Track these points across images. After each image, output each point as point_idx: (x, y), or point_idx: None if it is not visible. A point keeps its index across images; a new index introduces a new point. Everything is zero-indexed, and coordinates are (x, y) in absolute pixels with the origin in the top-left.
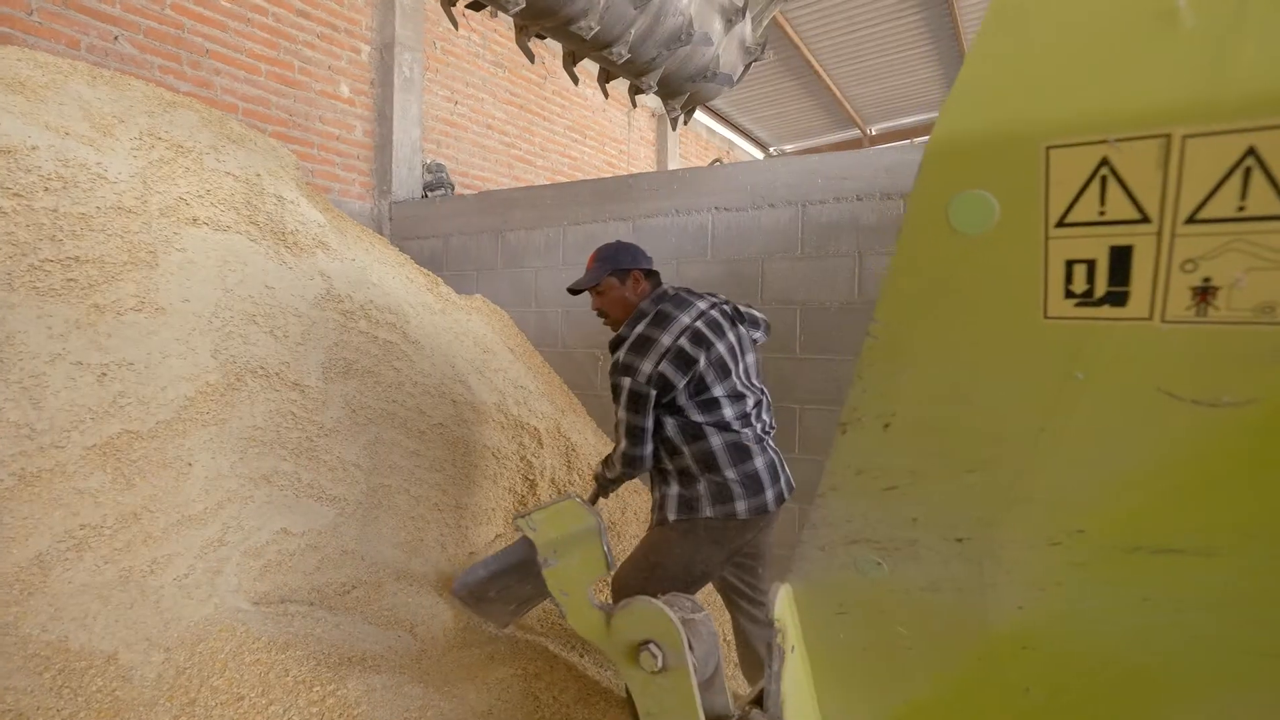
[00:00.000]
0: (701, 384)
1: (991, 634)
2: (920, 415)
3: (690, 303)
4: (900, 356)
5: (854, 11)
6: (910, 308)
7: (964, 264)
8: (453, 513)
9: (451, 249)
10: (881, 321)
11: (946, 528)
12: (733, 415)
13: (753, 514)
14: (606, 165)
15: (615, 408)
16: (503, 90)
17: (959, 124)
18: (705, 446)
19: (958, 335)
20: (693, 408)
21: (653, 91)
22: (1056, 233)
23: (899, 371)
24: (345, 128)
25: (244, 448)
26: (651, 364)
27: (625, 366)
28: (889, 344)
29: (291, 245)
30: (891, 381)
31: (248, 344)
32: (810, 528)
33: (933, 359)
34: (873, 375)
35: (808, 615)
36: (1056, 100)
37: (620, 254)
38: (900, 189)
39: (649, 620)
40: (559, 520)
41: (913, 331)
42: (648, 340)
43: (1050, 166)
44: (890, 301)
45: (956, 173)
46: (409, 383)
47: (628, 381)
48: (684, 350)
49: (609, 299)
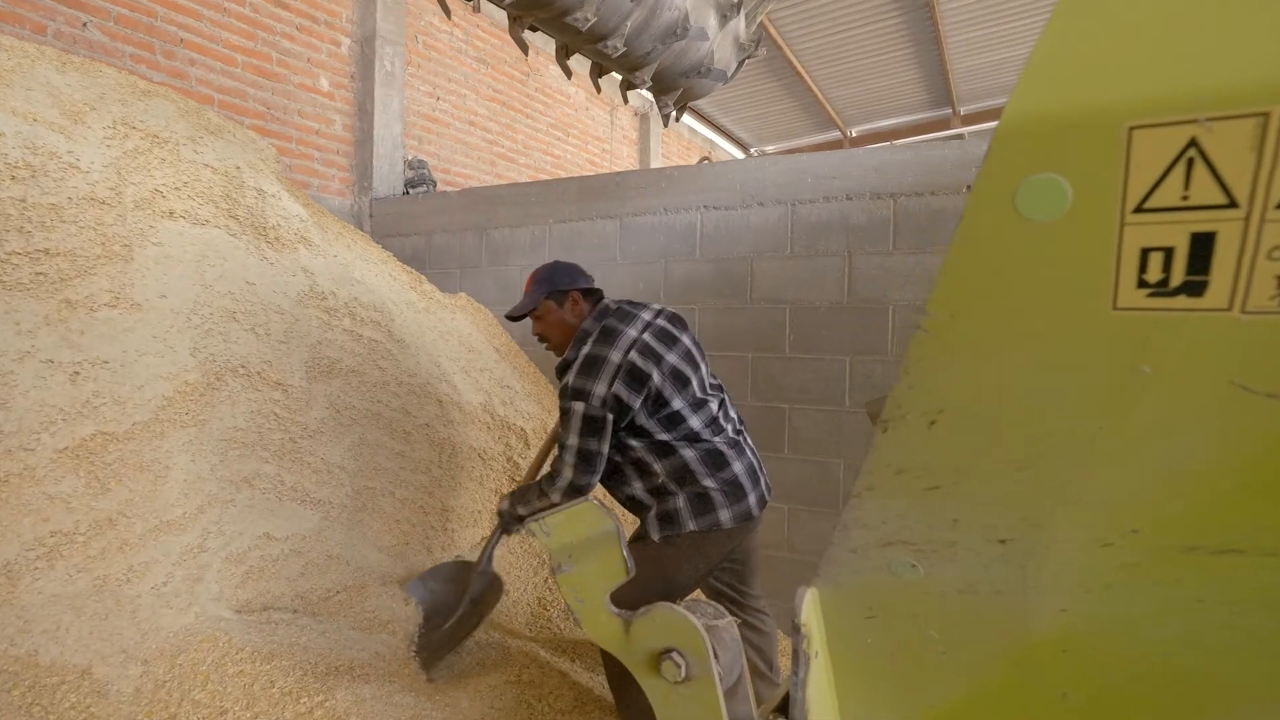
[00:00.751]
0: (660, 400)
1: (1030, 637)
2: (969, 412)
3: (634, 315)
4: (951, 350)
5: (838, 13)
6: (967, 299)
7: (1029, 252)
8: (439, 515)
9: (434, 247)
10: (933, 314)
11: (989, 528)
12: (700, 424)
13: (737, 521)
14: (589, 164)
15: (563, 434)
16: (485, 86)
17: (1032, 104)
18: (679, 460)
19: (1016, 328)
20: (656, 427)
21: (646, 87)
22: (1133, 219)
23: (948, 366)
24: (325, 122)
25: (225, 450)
26: (605, 385)
27: (576, 390)
28: (940, 337)
29: (273, 240)
30: (939, 377)
31: (228, 342)
32: (842, 530)
33: (987, 352)
34: (920, 370)
35: (833, 619)
36: (1143, 77)
37: (556, 274)
38: (889, 189)
39: (671, 628)
40: (575, 524)
41: (967, 324)
42: (596, 360)
43: (1132, 148)
44: (945, 292)
45: (1027, 156)
46: (394, 382)
47: (580, 406)
48: (635, 366)
49: (548, 323)
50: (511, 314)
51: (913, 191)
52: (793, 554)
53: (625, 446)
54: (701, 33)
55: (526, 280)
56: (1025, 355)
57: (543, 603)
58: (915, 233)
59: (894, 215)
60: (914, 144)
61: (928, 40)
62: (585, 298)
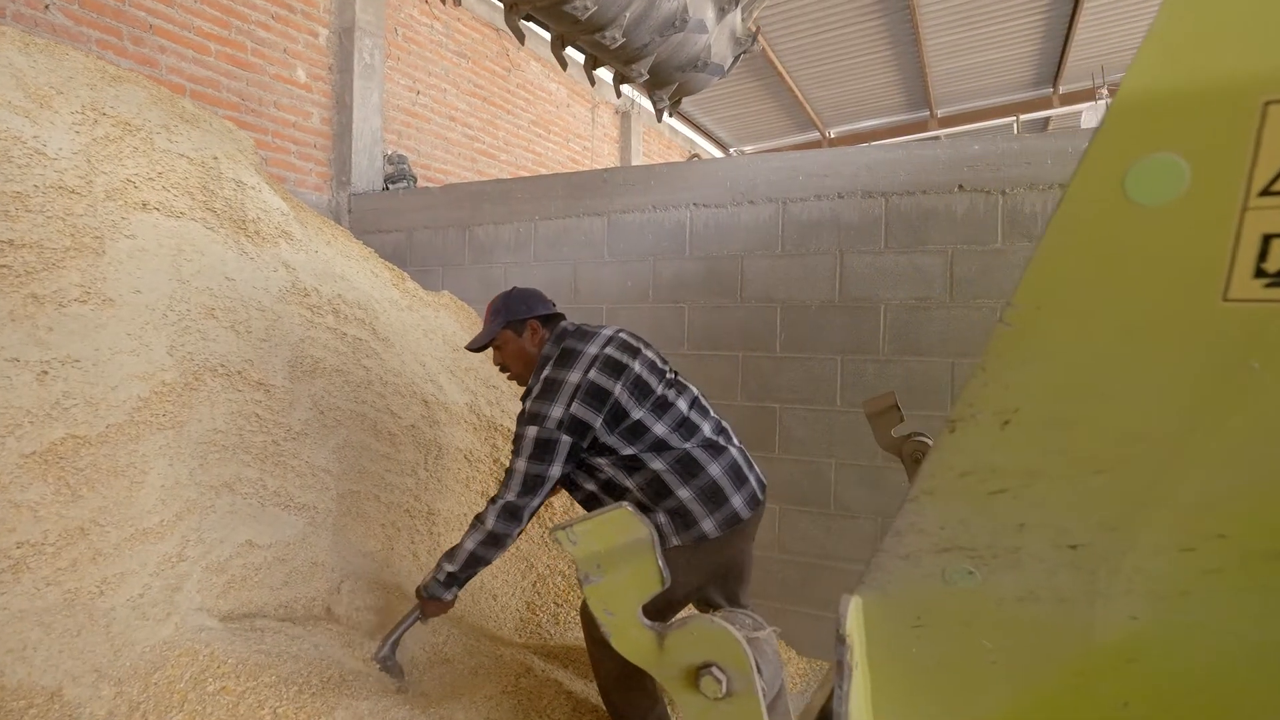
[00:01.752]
0: (619, 413)
1: (1092, 646)
2: (1049, 411)
3: (594, 334)
4: (1035, 345)
5: (819, 14)
6: (1059, 290)
7: (1134, 240)
8: (424, 519)
9: (416, 244)
10: (1020, 306)
11: (1059, 533)
12: (666, 431)
13: (724, 528)
14: (570, 161)
15: (512, 458)
16: (466, 81)
17: (1151, 79)
18: (649, 474)
19: (1113, 321)
20: (620, 442)
21: (642, 81)
22: (1258, 202)
23: (1031, 362)
24: (302, 114)
25: (204, 453)
26: (561, 408)
27: (531, 415)
28: (1025, 331)
29: (253, 234)
30: (1019, 373)
31: (207, 340)
32: (894, 535)
33: (1076, 348)
34: (999, 367)
35: (876, 629)
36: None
37: (512, 303)
38: (881, 188)
39: (711, 640)
40: (605, 531)
41: (1057, 317)
42: (554, 383)
43: (1265, 125)
44: (1034, 283)
45: (1142, 135)
46: (379, 382)
47: (533, 430)
48: (595, 384)
49: (508, 353)
50: (470, 346)
51: (904, 190)
52: (784, 554)
53: (593, 469)
54: (700, 25)
55: (485, 311)
56: (1120, 350)
57: (531, 607)
58: (907, 232)
59: (885, 214)
60: (905, 143)
61: (907, 42)
62: (544, 324)
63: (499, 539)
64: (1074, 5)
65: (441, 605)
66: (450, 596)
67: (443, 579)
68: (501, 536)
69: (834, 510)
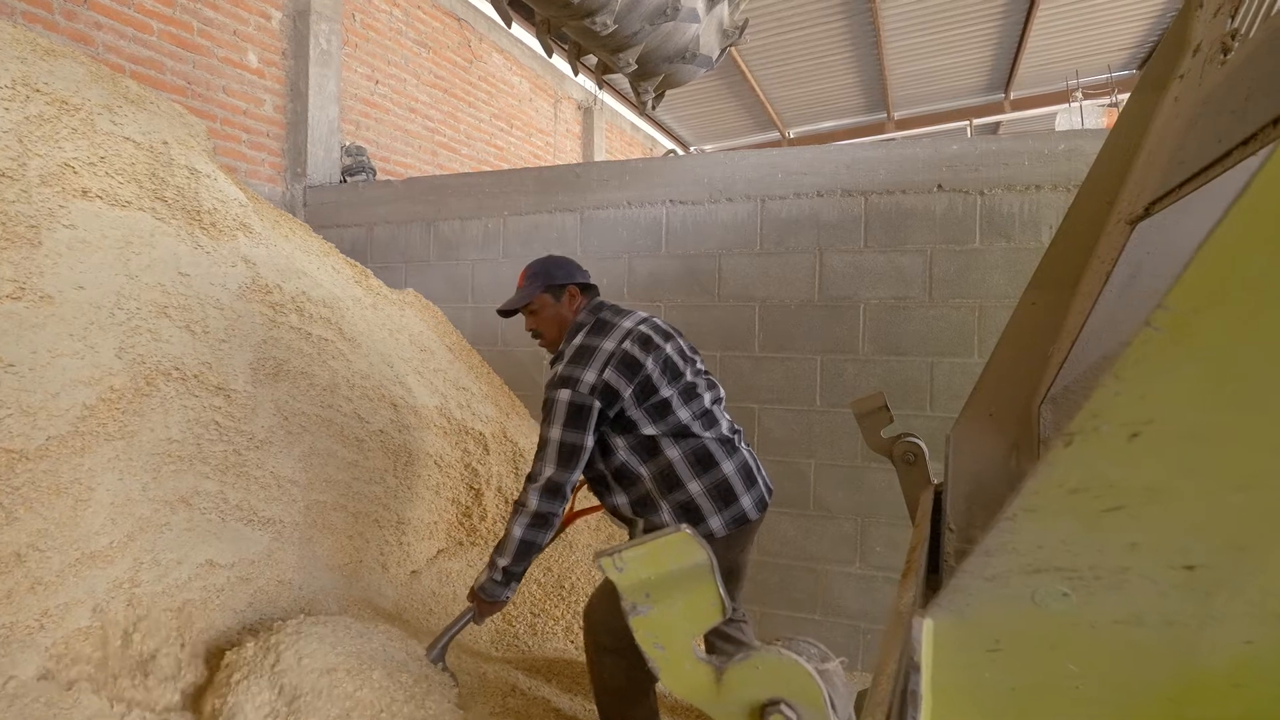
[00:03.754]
0: (649, 388)
1: (1197, 671)
2: (1189, 423)
3: (629, 312)
4: (1186, 351)
5: (785, 13)
6: (1225, 290)
7: None
8: (394, 529)
9: (376, 239)
10: (1174, 309)
11: (1177, 553)
12: (689, 417)
13: (732, 527)
14: (533, 157)
15: (543, 428)
16: (426, 72)
17: None
18: (663, 461)
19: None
20: (644, 419)
21: (629, 70)
22: None
23: (1177, 370)
24: (253, 101)
25: (158, 465)
26: (595, 373)
27: (563, 379)
28: (1176, 336)
29: (208, 226)
30: (1161, 382)
31: (159, 341)
32: (981, 556)
33: (1235, 354)
34: (1137, 375)
35: (945, 653)
36: None
37: (553, 268)
38: (861, 186)
39: (779, 675)
40: (658, 557)
41: (1219, 320)
42: (588, 349)
43: None
44: (1195, 283)
45: None
46: (345, 385)
47: (565, 394)
48: (629, 354)
49: (544, 318)
50: (504, 308)
51: (884, 189)
52: (762, 556)
53: (610, 449)
54: (692, 14)
55: (520, 275)
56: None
57: (507, 618)
58: (886, 231)
59: (865, 213)
60: (885, 142)
61: (868, 45)
62: (582, 293)
63: (546, 519)
64: (1027, 14)
65: (497, 605)
66: (509, 595)
67: (499, 577)
68: (548, 516)
69: (813, 511)
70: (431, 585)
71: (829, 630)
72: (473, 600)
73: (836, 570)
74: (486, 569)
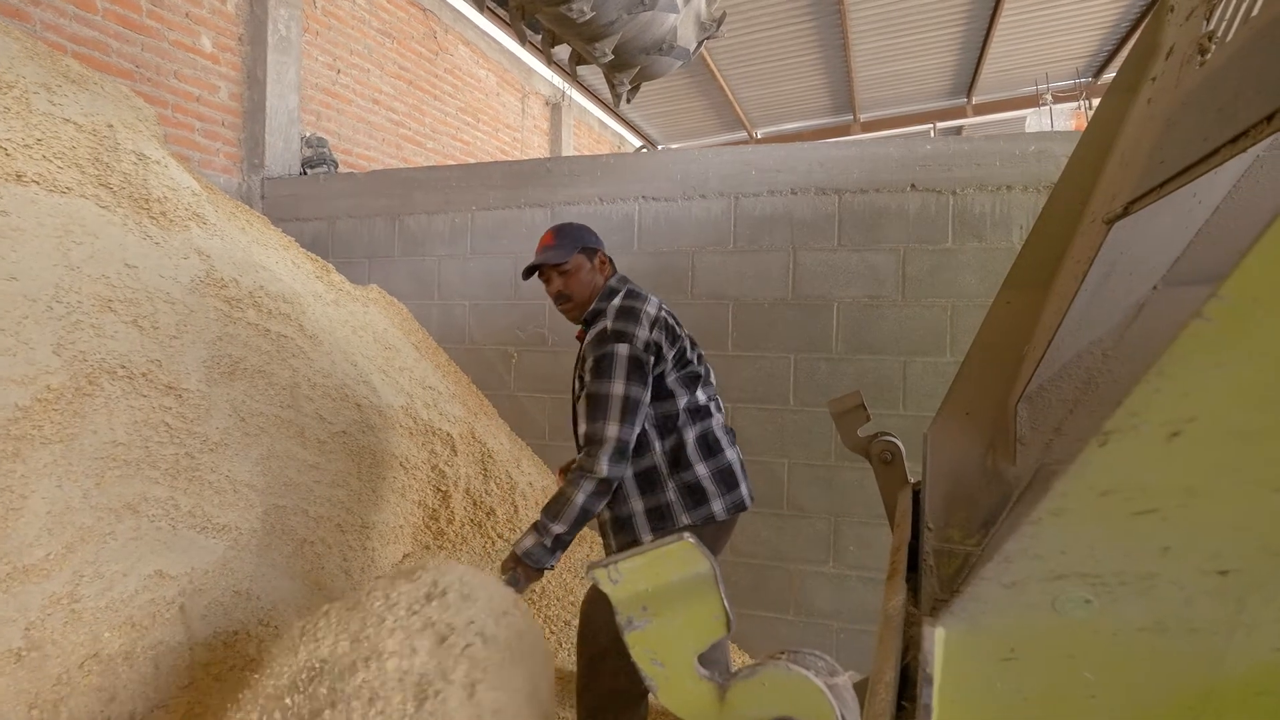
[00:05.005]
0: (684, 358)
1: (1220, 678)
2: (1234, 421)
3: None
4: (1238, 344)
5: (754, 12)
6: None
7: None
8: (358, 533)
9: (338, 233)
10: (1229, 298)
11: (1210, 558)
12: (706, 398)
13: (731, 512)
14: (500, 152)
15: (600, 384)
16: (391, 63)
17: None
18: (678, 440)
19: None
20: (678, 386)
21: (605, 61)
22: None
23: (1226, 364)
24: (207, 88)
25: (101, 470)
26: (645, 330)
27: (618, 333)
28: (1228, 328)
29: (158, 216)
30: (1208, 378)
31: (103, 337)
32: (1000, 562)
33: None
34: (1182, 370)
35: (955, 663)
36: None
37: (585, 233)
38: (834, 184)
39: (787, 691)
40: (656, 568)
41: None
42: (634, 310)
43: None
44: (1254, 271)
45: None
46: (306, 384)
47: (624, 348)
48: (668, 321)
49: (576, 280)
50: (546, 260)
51: (858, 188)
52: (735, 556)
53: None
54: (670, 4)
55: (544, 237)
56: None
57: None
58: (860, 229)
59: (839, 211)
60: (859, 140)
61: (836, 46)
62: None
63: (610, 485)
64: (990, 20)
65: (540, 574)
66: (554, 563)
67: (549, 543)
68: (613, 482)
69: (787, 511)
70: None
71: (802, 631)
72: (513, 567)
73: (810, 570)
74: (533, 533)
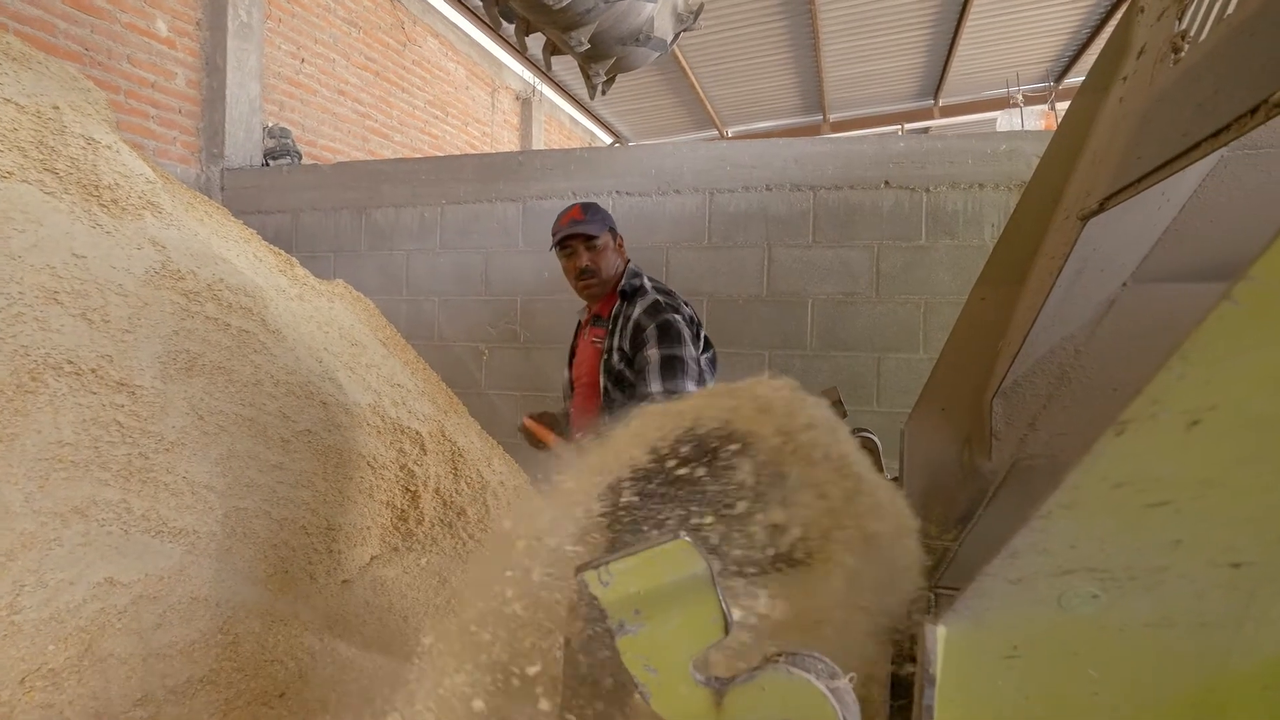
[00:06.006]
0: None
1: (1226, 672)
2: (1255, 409)
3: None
4: (1266, 328)
5: (725, 10)
6: None
7: None
8: (323, 536)
9: (303, 227)
10: (1259, 279)
11: (1223, 550)
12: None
13: None
14: (469, 146)
15: (674, 348)
16: (357, 53)
17: None
18: None
19: None
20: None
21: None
22: None
23: (1251, 349)
24: (163, 74)
25: (46, 472)
26: (686, 307)
27: (669, 305)
28: (1257, 312)
29: (109, 203)
30: (1233, 364)
31: (48, 331)
32: (1007, 558)
33: None
34: (1206, 356)
35: (957, 662)
36: None
37: (609, 215)
38: (809, 181)
39: (788, 697)
40: (650, 569)
41: None
42: (672, 292)
43: None
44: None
45: None
46: (269, 381)
47: (679, 318)
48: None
49: (604, 257)
50: (576, 233)
51: (832, 185)
52: None
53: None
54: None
55: (571, 210)
56: None
57: None
58: (834, 226)
59: (814, 208)
60: (834, 138)
61: (806, 46)
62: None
63: None
64: (957, 24)
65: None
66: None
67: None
68: None
69: None
70: (364, 594)
71: None
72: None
73: None
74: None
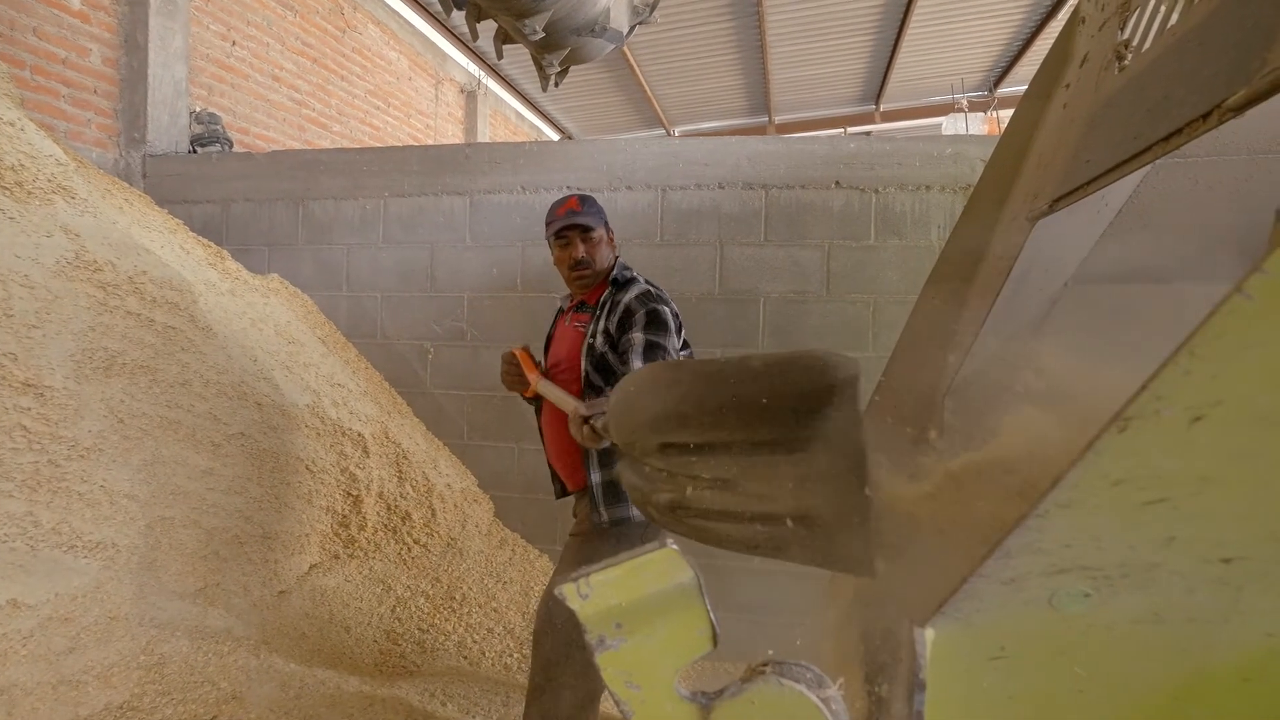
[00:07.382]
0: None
1: (1210, 666)
2: (1260, 405)
3: None
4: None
5: (674, 9)
6: None
7: None
8: (258, 545)
9: (234, 218)
10: (1272, 272)
11: (1214, 547)
12: None
13: None
14: (411, 139)
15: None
16: (293, 38)
17: None
18: None
19: None
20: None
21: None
22: None
23: (1261, 344)
24: (76, 50)
25: None
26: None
27: (658, 297)
28: (1271, 305)
29: (12, 186)
30: (1238, 359)
31: None
32: (1000, 558)
33: None
34: (1214, 351)
35: (943, 664)
36: None
37: (603, 209)
38: (762, 179)
39: (779, 709)
40: (633, 580)
41: None
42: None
43: None
44: None
45: None
46: (198, 381)
47: (667, 310)
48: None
49: (600, 248)
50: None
51: (784, 184)
52: None
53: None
54: None
55: (568, 201)
56: None
57: (392, 636)
58: (786, 225)
59: (766, 206)
60: (786, 137)
61: (754, 48)
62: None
63: None
64: (898, 30)
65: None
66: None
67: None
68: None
69: None
70: (303, 605)
71: (730, 626)
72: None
73: (736, 565)
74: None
